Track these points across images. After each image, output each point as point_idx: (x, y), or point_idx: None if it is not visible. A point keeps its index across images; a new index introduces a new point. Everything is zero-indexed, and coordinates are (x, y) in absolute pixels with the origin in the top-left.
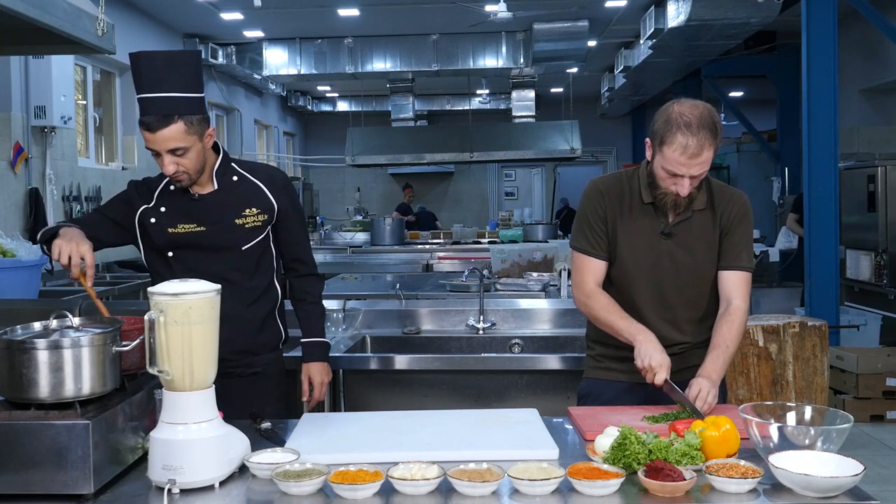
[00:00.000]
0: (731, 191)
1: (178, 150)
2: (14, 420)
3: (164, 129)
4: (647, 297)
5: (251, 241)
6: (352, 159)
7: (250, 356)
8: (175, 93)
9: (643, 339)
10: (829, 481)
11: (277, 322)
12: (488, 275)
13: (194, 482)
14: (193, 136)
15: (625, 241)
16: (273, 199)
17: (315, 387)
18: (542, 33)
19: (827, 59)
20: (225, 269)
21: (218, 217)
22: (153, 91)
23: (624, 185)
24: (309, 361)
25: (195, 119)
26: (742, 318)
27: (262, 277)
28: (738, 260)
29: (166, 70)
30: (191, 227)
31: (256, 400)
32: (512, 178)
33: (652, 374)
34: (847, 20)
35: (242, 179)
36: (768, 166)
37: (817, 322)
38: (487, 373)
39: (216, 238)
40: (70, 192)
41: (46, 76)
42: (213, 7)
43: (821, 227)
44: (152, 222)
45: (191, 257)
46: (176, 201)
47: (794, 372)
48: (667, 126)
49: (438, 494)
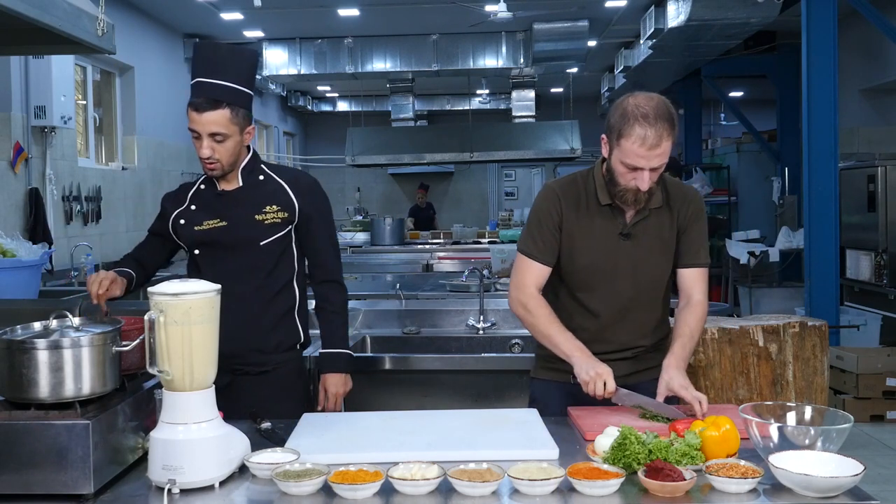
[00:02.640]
0: (685, 188)
1: (218, 135)
2: (14, 420)
3: (211, 112)
4: (606, 301)
5: (270, 238)
6: (352, 159)
7: (261, 355)
8: (228, 82)
9: (581, 354)
10: (829, 481)
11: (296, 323)
12: (488, 275)
13: (194, 482)
14: (235, 127)
15: (582, 244)
16: (295, 199)
17: (330, 398)
18: (542, 33)
19: (827, 59)
20: (244, 265)
21: (239, 212)
22: (209, 77)
23: (580, 187)
24: (325, 372)
25: (241, 112)
26: (704, 312)
27: (281, 276)
28: (697, 257)
29: (225, 61)
30: (214, 222)
31: (265, 399)
32: (512, 178)
33: (601, 383)
34: (847, 20)
35: (268, 179)
36: (768, 166)
37: (817, 322)
38: (487, 373)
39: (236, 232)
40: (70, 192)
41: (46, 76)
42: (213, 7)
43: (821, 227)
44: (182, 223)
45: (215, 254)
46: (204, 198)
47: (794, 372)
48: (623, 119)
49: (438, 494)
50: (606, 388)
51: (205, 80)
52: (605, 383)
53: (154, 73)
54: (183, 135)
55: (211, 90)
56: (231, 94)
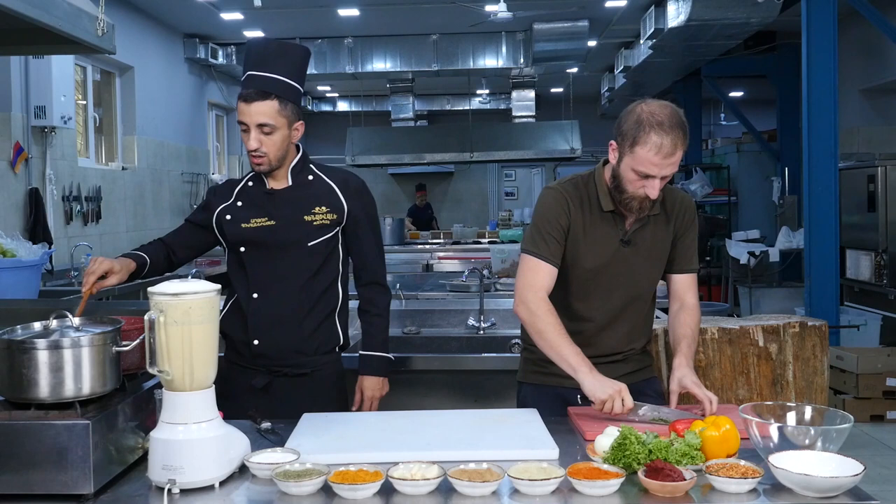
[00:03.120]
0: (680, 194)
1: (265, 126)
2: (14, 420)
3: (260, 102)
4: (600, 306)
5: (318, 239)
6: (352, 159)
7: (301, 356)
8: (278, 75)
9: (589, 372)
10: (829, 481)
11: (336, 326)
12: (488, 275)
13: (194, 482)
14: (283, 119)
15: (585, 249)
16: (344, 200)
17: (365, 400)
18: (542, 33)
19: (827, 59)
20: (291, 265)
21: (288, 212)
22: (259, 70)
23: (582, 191)
24: (364, 375)
25: (289, 105)
26: (699, 314)
27: (326, 277)
28: (690, 263)
29: (276, 55)
30: (262, 221)
31: (302, 401)
32: (512, 178)
33: (619, 401)
34: (847, 20)
35: (317, 179)
36: (768, 166)
37: (817, 322)
38: (487, 373)
39: (284, 232)
40: (70, 192)
41: (46, 76)
42: (213, 7)
43: (821, 227)
44: (228, 219)
45: (261, 252)
46: (252, 196)
47: (795, 372)
48: (638, 126)
49: (438, 494)
50: (625, 404)
51: (255, 73)
52: (623, 400)
53: (154, 73)
54: (183, 135)
55: (261, 82)
56: (280, 87)
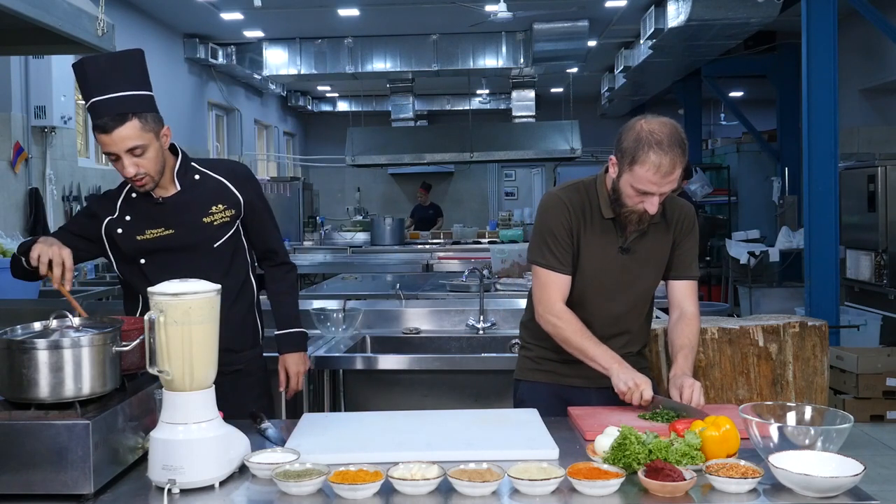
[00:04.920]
0: (679, 202)
1: (136, 149)
2: (14, 420)
3: (120, 127)
4: (601, 312)
5: (221, 238)
6: (352, 159)
7: (232, 354)
8: (125, 92)
9: (619, 366)
10: (829, 481)
11: (256, 318)
12: (488, 275)
13: (194, 482)
14: (150, 134)
15: (586, 256)
16: (238, 193)
17: (291, 377)
18: (542, 33)
19: (827, 59)
20: (199, 269)
21: (185, 218)
22: (103, 93)
23: (584, 198)
24: (285, 352)
25: (149, 117)
26: (699, 323)
27: (238, 274)
28: (690, 270)
29: (112, 71)
30: (158, 231)
31: (240, 398)
32: (512, 178)
33: (639, 394)
34: (847, 20)
35: (205, 178)
36: (768, 166)
37: (817, 322)
38: (487, 373)
39: (186, 239)
40: (70, 192)
41: (46, 76)
42: (213, 7)
43: (821, 227)
44: (119, 232)
45: (164, 261)
46: (140, 208)
47: (795, 372)
48: (637, 145)
49: (438, 494)
50: (643, 397)
51: (101, 99)
52: (642, 393)
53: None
54: (182, 135)
55: (111, 105)
56: (133, 103)
